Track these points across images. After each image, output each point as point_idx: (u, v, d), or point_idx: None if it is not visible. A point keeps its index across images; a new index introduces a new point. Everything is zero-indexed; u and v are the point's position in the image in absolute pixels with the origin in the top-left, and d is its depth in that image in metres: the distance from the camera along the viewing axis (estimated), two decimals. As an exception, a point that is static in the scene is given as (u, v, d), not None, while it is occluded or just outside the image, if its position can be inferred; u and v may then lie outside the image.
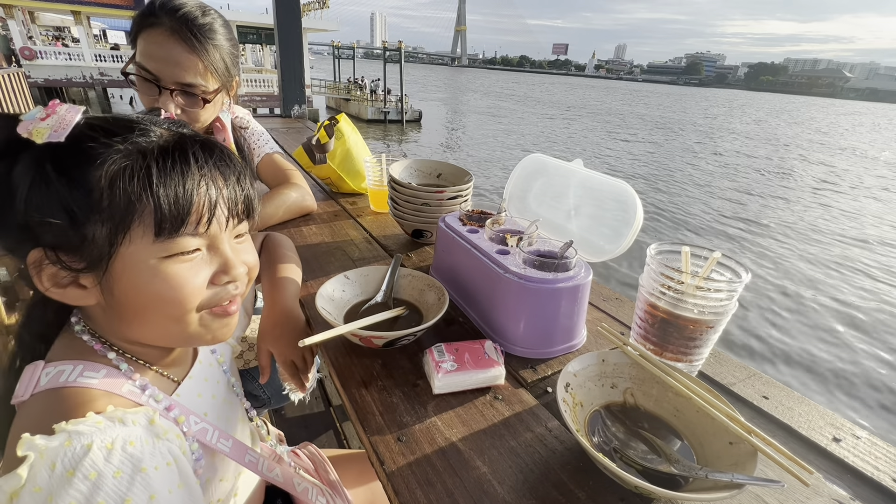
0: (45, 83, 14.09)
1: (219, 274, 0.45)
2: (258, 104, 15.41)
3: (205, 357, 0.58)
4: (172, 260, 0.42)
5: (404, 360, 0.67)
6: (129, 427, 0.39)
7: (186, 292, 0.43)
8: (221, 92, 0.98)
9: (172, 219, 0.40)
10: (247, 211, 0.48)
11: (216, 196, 0.43)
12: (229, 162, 0.46)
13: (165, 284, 0.42)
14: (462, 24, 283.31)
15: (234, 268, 0.46)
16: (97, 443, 0.36)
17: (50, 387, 0.41)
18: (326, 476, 0.76)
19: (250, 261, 0.50)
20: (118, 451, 0.37)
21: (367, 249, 1.04)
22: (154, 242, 0.40)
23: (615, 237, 0.77)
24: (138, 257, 0.41)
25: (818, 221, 9.17)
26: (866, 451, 0.55)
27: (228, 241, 0.46)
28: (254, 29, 17.98)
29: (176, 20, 0.87)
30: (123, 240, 0.40)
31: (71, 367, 0.42)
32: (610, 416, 0.55)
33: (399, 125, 20.12)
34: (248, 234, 0.51)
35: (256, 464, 0.56)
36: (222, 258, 0.45)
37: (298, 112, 2.82)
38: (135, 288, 0.42)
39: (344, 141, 1.35)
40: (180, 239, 0.41)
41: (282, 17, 2.58)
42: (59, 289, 0.42)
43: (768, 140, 23.65)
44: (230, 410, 0.59)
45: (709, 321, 0.59)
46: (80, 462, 0.34)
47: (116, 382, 0.43)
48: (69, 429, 0.35)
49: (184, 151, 0.42)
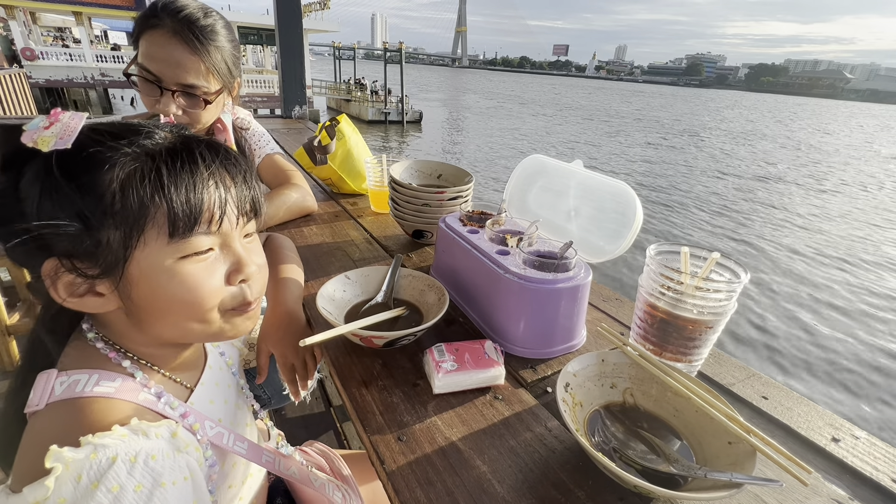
0: (46, 83, 14.12)
1: (233, 273, 0.46)
2: (259, 105, 15.43)
3: (214, 361, 0.58)
4: (188, 260, 0.42)
5: (405, 359, 0.67)
6: (153, 440, 0.39)
7: (204, 292, 0.43)
8: (223, 93, 0.98)
9: (186, 218, 0.41)
10: (254, 209, 0.49)
11: (225, 194, 0.44)
12: (235, 161, 0.47)
13: (183, 286, 0.42)
14: (463, 25, 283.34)
15: (248, 265, 0.46)
16: (121, 456, 0.36)
17: (66, 397, 0.41)
18: (340, 472, 0.76)
19: (260, 261, 0.50)
20: (140, 465, 0.37)
21: (367, 250, 1.05)
22: (169, 244, 0.41)
23: (615, 238, 0.78)
24: (154, 260, 0.41)
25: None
26: (865, 451, 0.55)
27: (239, 239, 0.47)
28: (254, 30, 18.01)
29: (178, 21, 0.87)
30: (138, 243, 0.40)
31: (87, 377, 0.42)
32: (609, 415, 0.55)
33: (399, 126, 20.14)
34: (256, 234, 0.52)
35: (273, 463, 0.56)
36: (235, 256, 0.46)
37: (299, 113, 2.83)
38: (153, 291, 0.42)
39: (345, 142, 1.35)
40: (194, 239, 0.42)
41: (283, 18, 2.59)
42: (76, 298, 0.42)
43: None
44: (241, 414, 0.59)
45: (708, 321, 0.60)
46: (104, 475, 0.35)
47: (132, 392, 0.43)
48: (95, 441, 0.36)
49: (191, 152, 0.43)
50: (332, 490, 0.66)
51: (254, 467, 0.61)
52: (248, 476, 0.60)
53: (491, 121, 24.19)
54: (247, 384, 0.66)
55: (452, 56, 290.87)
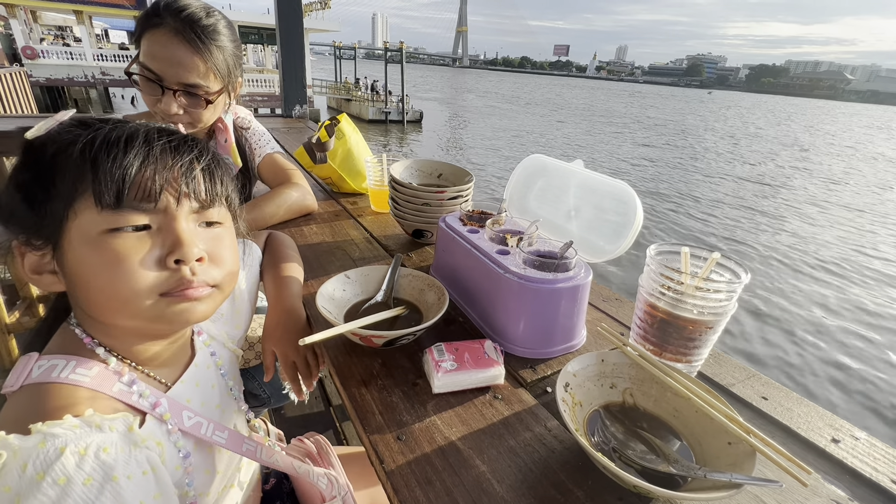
0: (46, 82, 14.13)
1: (169, 253, 0.43)
2: (259, 104, 15.44)
3: (201, 360, 0.57)
4: (115, 234, 0.41)
5: (404, 359, 0.67)
6: (106, 433, 0.38)
7: (126, 269, 0.41)
8: (224, 92, 0.98)
9: (112, 188, 0.40)
10: (211, 196, 0.47)
11: (166, 170, 0.43)
12: (192, 144, 0.46)
13: (103, 260, 0.40)
14: (463, 25, 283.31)
15: (186, 246, 0.43)
16: (71, 447, 0.35)
17: (40, 381, 0.41)
18: (328, 459, 0.75)
19: (224, 255, 0.48)
20: (91, 458, 0.36)
21: (367, 249, 1.05)
22: (99, 214, 0.40)
23: (615, 238, 0.77)
24: (83, 231, 0.40)
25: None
26: (865, 452, 0.55)
27: (186, 222, 0.44)
28: (255, 29, 18.01)
29: (180, 21, 0.87)
30: (70, 213, 0.40)
31: (64, 363, 0.42)
32: (609, 416, 0.55)
33: (400, 125, 20.14)
34: (227, 228, 0.50)
35: (255, 452, 0.55)
36: (173, 236, 0.43)
37: (300, 112, 2.83)
38: (79, 264, 0.41)
39: (345, 141, 1.35)
40: (125, 212, 0.41)
41: (284, 18, 2.59)
42: (36, 275, 0.43)
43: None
44: (224, 416, 0.59)
45: (708, 322, 0.59)
46: (51, 466, 0.34)
47: (107, 382, 0.43)
48: (45, 430, 0.35)
49: (136, 131, 0.43)
50: (316, 477, 0.65)
51: (244, 461, 0.61)
52: (238, 469, 0.59)
53: (490, 120, 24.19)
54: (239, 386, 0.65)
55: (453, 56, 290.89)
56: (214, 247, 0.47)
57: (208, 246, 0.46)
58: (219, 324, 0.64)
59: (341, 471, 0.74)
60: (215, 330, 0.63)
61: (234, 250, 0.51)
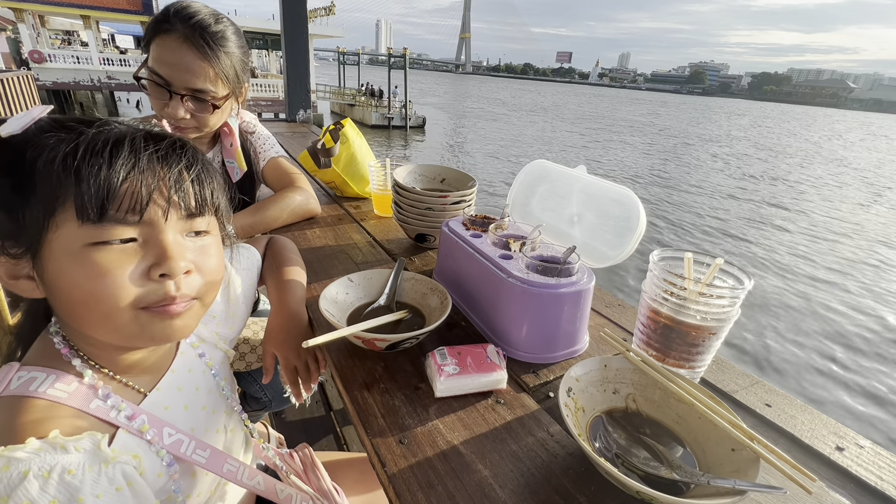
0: (53, 86, 14.29)
1: (154, 266, 0.41)
2: (263, 109, 15.56)
3: (181, 365, 0.55)
4: (98, 248, 0.39)
5: (406, 363, 0.67)
6: (71, 454, 0.37)
7: (108, 283, 0.39)
8: (231, 98, 0.99)
9: (93, 203, 0.38)
10: (200, 206, 0.45)
11: (153, 182, 0.41)
12: (181, 151, 0.44)
13: (85, 273, 0.39)
14: (466, 32, 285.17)
15: (170, 260, 0.42)
16: (34, 470, 0.34)
17: (18, 393, 0.40)
18: (317, 482, 0.72)
19: (208, 264, 0.47)
20: (55, 480, 0.35)
21: (370, 253, 1.05)
22: (80, 227, 0.39)
23: (618, 243, 0.78)
24: (64, 243, 0.39)
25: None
26: (870, 460, 0.54)
27: (173, 233, 0.43)
28: (260, 35, 18.21)
29: (189, 27, 0.88)
30: (51, 224, 0.39)
31: (44, 376, 0.41)
32: (612, 421, 0.55)
33: (403, 131, 20.24)
34: (214, 237, 0.49)
35: (235, 473, 0.54)
36: (159, 248, 0.42)
37: (304, 117, 2.85)
38: (59, 276, 0.40)
39: (349, 145, 1.36)
40: (108, 226, 0.39)
41: (289, 24, 2.61)
42: (13, 280, 0.42)
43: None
44: (213, 418, 0.57)
45: (711, 328, 0.59)
46: (14, 490, 0.33)
47: (84, 399, 0.42)
48: (7, 454, 0.34)
49: (122, 137, 0.40)
50: (298, 502, 0.63)
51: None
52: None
53: (493, 125, 24.26)
54: (232, 386, 0.64)
55: (456, 62, 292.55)
56: (200, 257, 0.46)
57: (194, 256, 0.45)
58: (211, 325, 0.64)
59: (331, 486, 0.72)
60: (206, 331, 0.62)
61: (221, 259, 0.49)
